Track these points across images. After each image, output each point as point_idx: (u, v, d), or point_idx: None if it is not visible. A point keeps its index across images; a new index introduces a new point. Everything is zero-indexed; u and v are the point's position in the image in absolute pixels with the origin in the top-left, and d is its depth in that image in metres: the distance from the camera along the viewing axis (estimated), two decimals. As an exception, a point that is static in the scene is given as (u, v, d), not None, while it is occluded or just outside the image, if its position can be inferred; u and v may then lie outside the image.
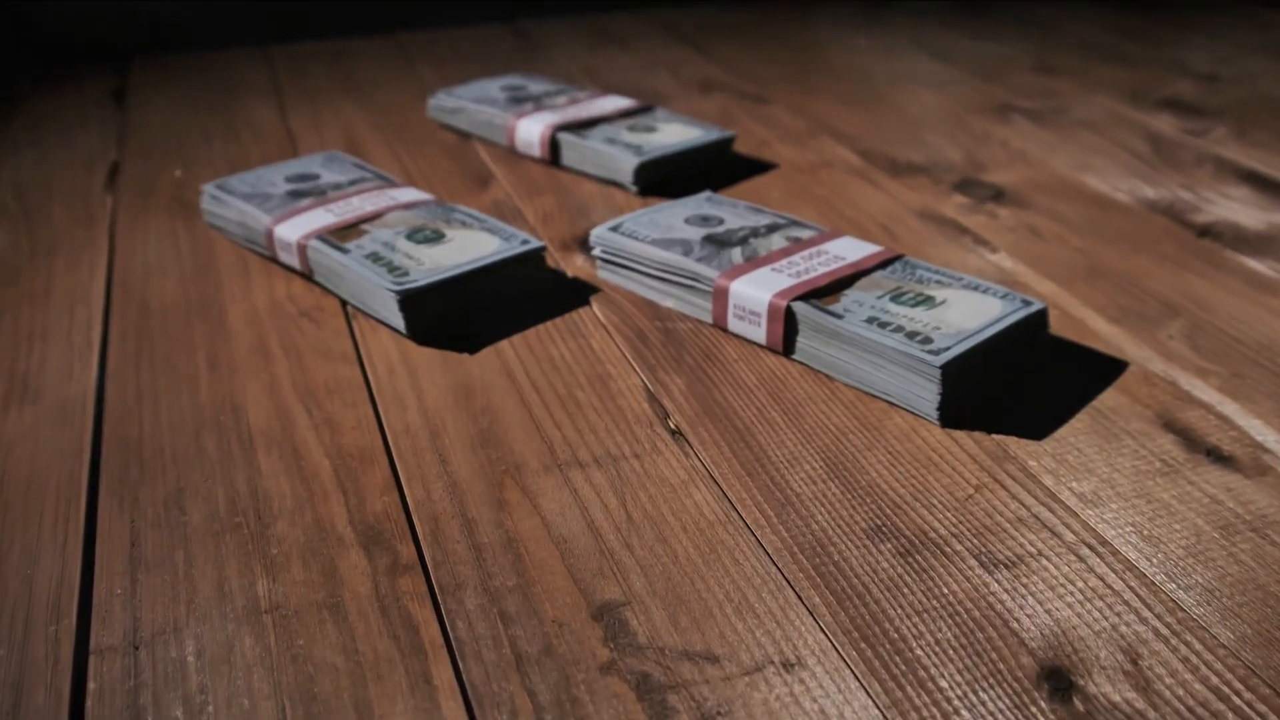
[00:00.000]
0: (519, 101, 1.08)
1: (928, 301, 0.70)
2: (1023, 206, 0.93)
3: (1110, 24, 1.52)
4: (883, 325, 0.67)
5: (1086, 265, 0.83)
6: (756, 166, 1.02)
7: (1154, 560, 0.54)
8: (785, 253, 0.76)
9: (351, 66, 1.36)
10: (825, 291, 0.71)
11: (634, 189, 0.95)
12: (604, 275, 0.82)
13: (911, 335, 0.66)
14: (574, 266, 0.83)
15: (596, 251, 0.81)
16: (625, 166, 0.94)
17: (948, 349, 0.65)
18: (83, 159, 1.07)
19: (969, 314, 0.68)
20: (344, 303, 0.78)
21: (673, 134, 1.00)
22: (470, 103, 1.08)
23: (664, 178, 0.96)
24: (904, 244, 0.86)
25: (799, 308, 0.69)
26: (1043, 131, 1.11)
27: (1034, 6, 1.62)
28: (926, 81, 1.28)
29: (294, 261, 0.81)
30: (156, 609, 0.53)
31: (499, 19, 1.57)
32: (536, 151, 1.01)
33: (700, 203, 0.85)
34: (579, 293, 0.80)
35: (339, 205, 0.85)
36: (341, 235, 0.80)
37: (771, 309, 0.70)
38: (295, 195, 0.87)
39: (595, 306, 0.78)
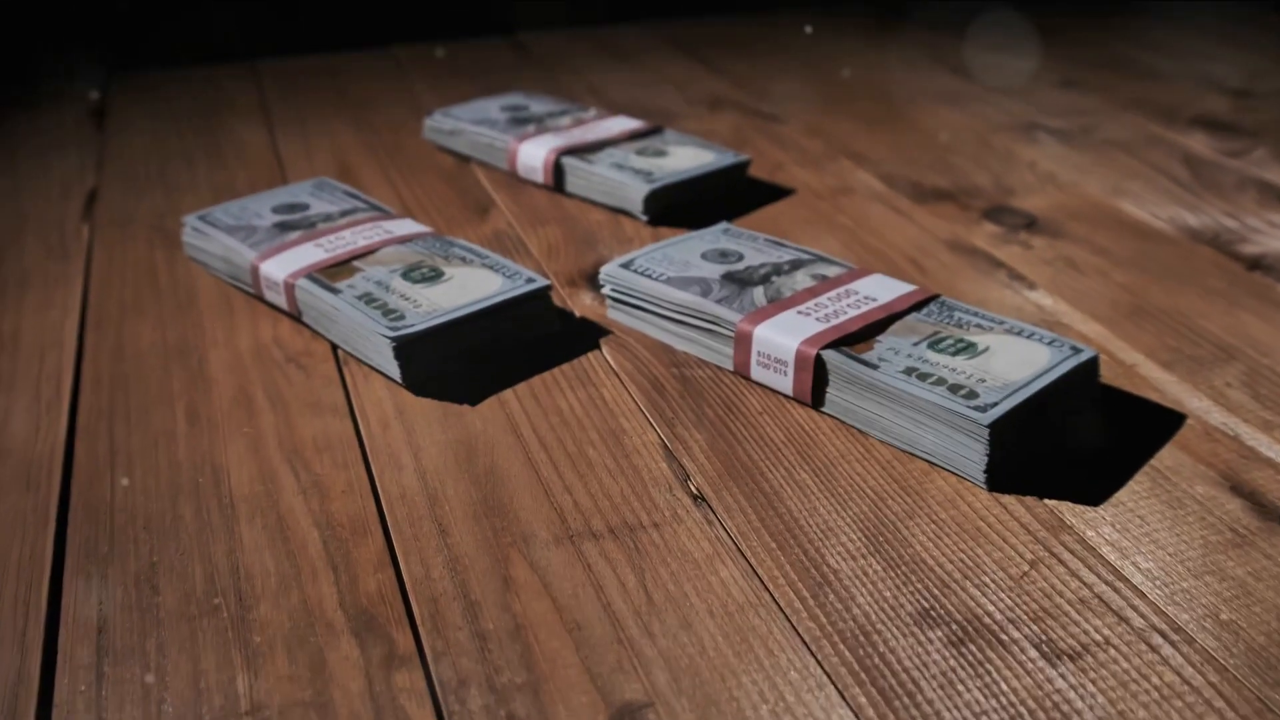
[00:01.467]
0: (520, 123, 1.02)
1: (969, 349, 0.64)
2: (1058, 236, 0.88)
3: (1133, 36, 1.46)
4: (922, 377, 0.61)
5: (1131, 303, 0.77)
6: (773, 192, 0.97)
7: (1234, 650, 0.49)
8: (811, 293, 0.70)
9: (343, 83, 1.30)
10: (857, 337, 0.66)
11: (644, 218, 0.89)
12: (614, 316, 0.76)
13: (954, 389, 0.60)
14: (582, 305, 0.78)
15: (606, 290, 0.75)
16: (635, 195, 0.89)
17: (995, 405, 0.59)
18: (59, 185, 1.01)
19: (1015, 363, 0.63)
20: (335, 347, 0.72)
21: (684, 158, 0.94)
22: (469, 124, 1.02)
23: (675, 205, 0.90)
24: (935, 279, 0.80)
25: (830, 357, 0.63)
26: (1072, 152, 1.05)
27: (1052, 17, 1.56)
28: (946, 98, 1.22)
29: (281, 301, 0.76)
30: (125, 710, 0.47)
31: (498, 32, 1.51)
32: (539, 177, 0.95)
33: (717, 236, 0.79)
34: (588, 335, 0.74)
35: (329, 239, 0.79)
36: (332, 273, 0.74)
37: (799, 358, 0.64)
38: (283, 228, 0.81)
39: (606, 351, 0.72)
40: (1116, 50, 1.41)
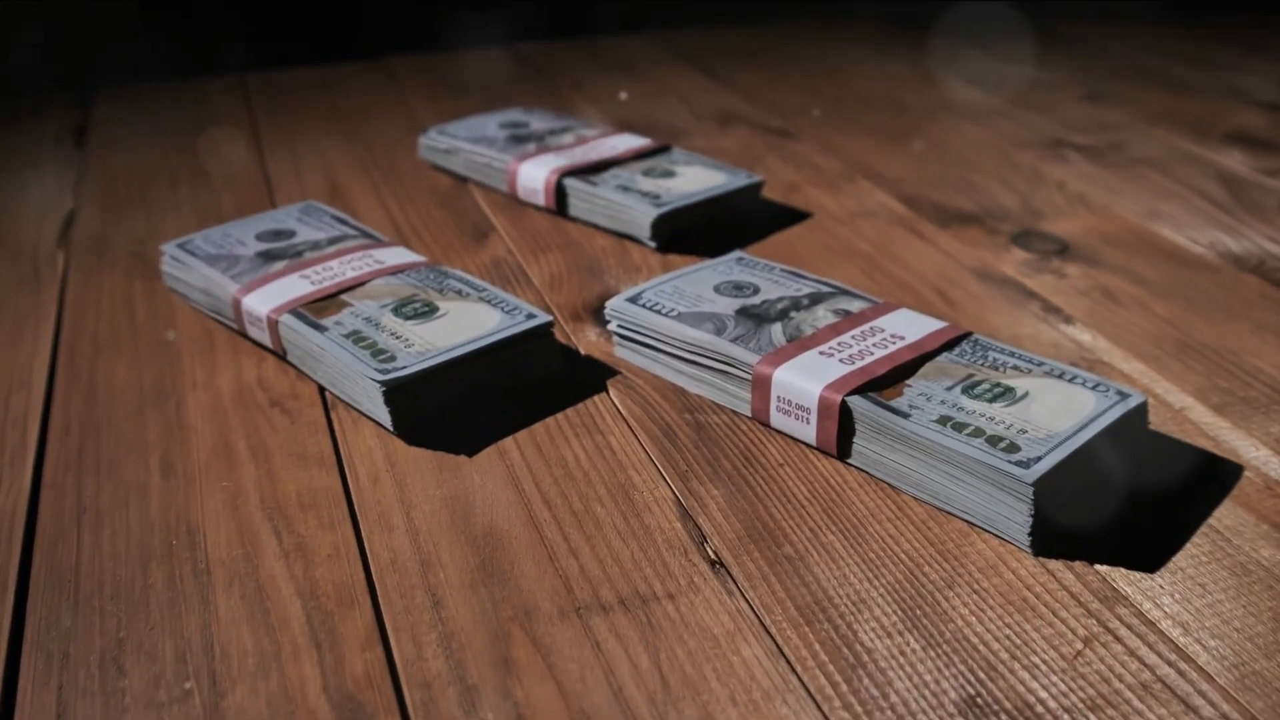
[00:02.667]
0: (520, 141, 0.97)
1: (1008, 394, 0.59)
2: (1092, 263, 0.82)
3: (1158, 45, 1.41)
4: (958, 427, 0.56)
5: (1175, 338, 0.72)
6: (787, 215, 0.91)
7: (1320, 745, 0.43)
8: (834, 330, 0.65)
9: (335, 97, 1.25)
10: (885, 381, 0.60)
11: (651, 244, 0.84)
12: (622, 354, 0.70)
13: (993, 441, 0.55)
14: (587, 342, 0.72)
15: (613, 326, 0.70)
16: (642, 220, 0.83)
17: (1039, 459, 0.53)
18: (35, 208, 0.96)
19: (1058, 411, 0.57)
20: (322, 388, 0.67)
21: (694, 179, 0.89)
22: (466, 143, 0.97)
23: (685, 230, 0.85)
24: (964, 312, 0.75)
25: (857, 404, 0.58)
26: (1101, 171, 1.00)
27: (1072, 25, 1.51)
28: (967, 112, 1.17)
29: (265, 338, 0.70)
30: (77, 820, 0.41)
31: (496, 43, 1.45)
32: (541, 200, 0.90)
33: (730, 266, 0.74)
34: (594, 375, 0.68)
35: (317, 270, 0.73)
36: (318, 309, 0.69)
37: (823, 404, 0.59)
38: (267, 257, 0.76)
39: (613, 393, 0.67)
40: (1140, 61, 1.36)
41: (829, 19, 1.57)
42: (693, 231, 0.86)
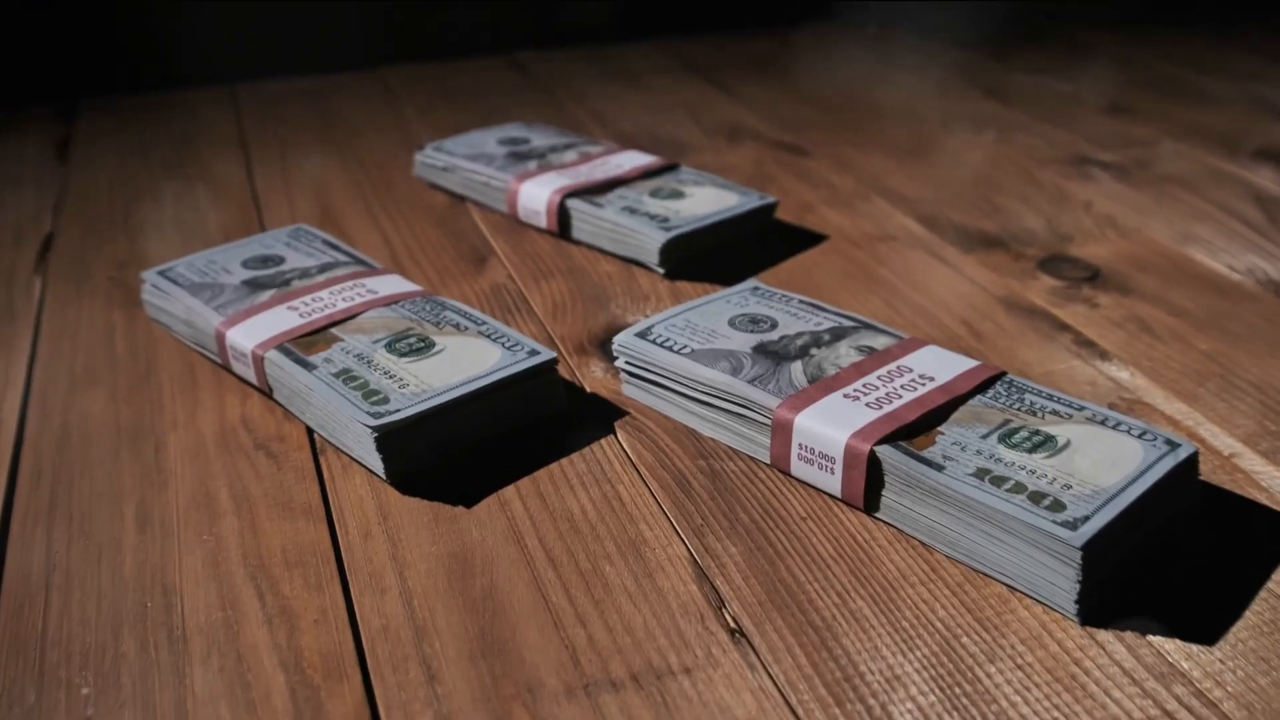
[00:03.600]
0: (521, 159, 0.92)
1: (1048, 444, 0.54)
2: (1125, 292, 0.78)
3: (1180, 54, 1.36)
4: (997, 481, 0.51)
5: (1219, 375, 0.67)
6: (802, 238, 0.87)
7: None
8: (858, 370, 0.60)
9: (328, 109, 1.20)
10: (916, 428, 0.56)
11: (660, 271, 0.79)
12: (631, 393, 0.66)
13: (1036, 498, 0.50)
14: (592, 379, 0.68)
15: (621, 363, 0.65)
16: (650, 245, 0.79)
17: (1087, 519, 0.49)
18: (11, 230, 0.92)
19: (1103, 463, 0.53)
20: (311, 430, 0.63)
21: (704, 200, 0.84)
22: (464, 160, 0.93)
23: (695, 254, 0.81)
24: (993, 347, 0.70)
25: (886, 455, 0.54)
26: (1129, 190, 0.96)
27: (1089, 32, 1.47)
28: (985, 125, 1.12)
29: (250, 375, 0.66)
30: None
31: (494, 52, 1.41)
32: (542, 221, 0.86)
33: (746, 297, 0.69)
34: (601, 416, 0.64)
35: (305, 301, 0.69)
36: (306, 344, 0.64)
37: (849, 454, 0.54)
38: (253, 286, 0.72)
39: (621, 436, 0.62)
40: (1163, 70, 1.31)
41: (838, 26, 1.52)
42: (703, 256, 0.81)
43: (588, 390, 0.67)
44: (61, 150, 1.10)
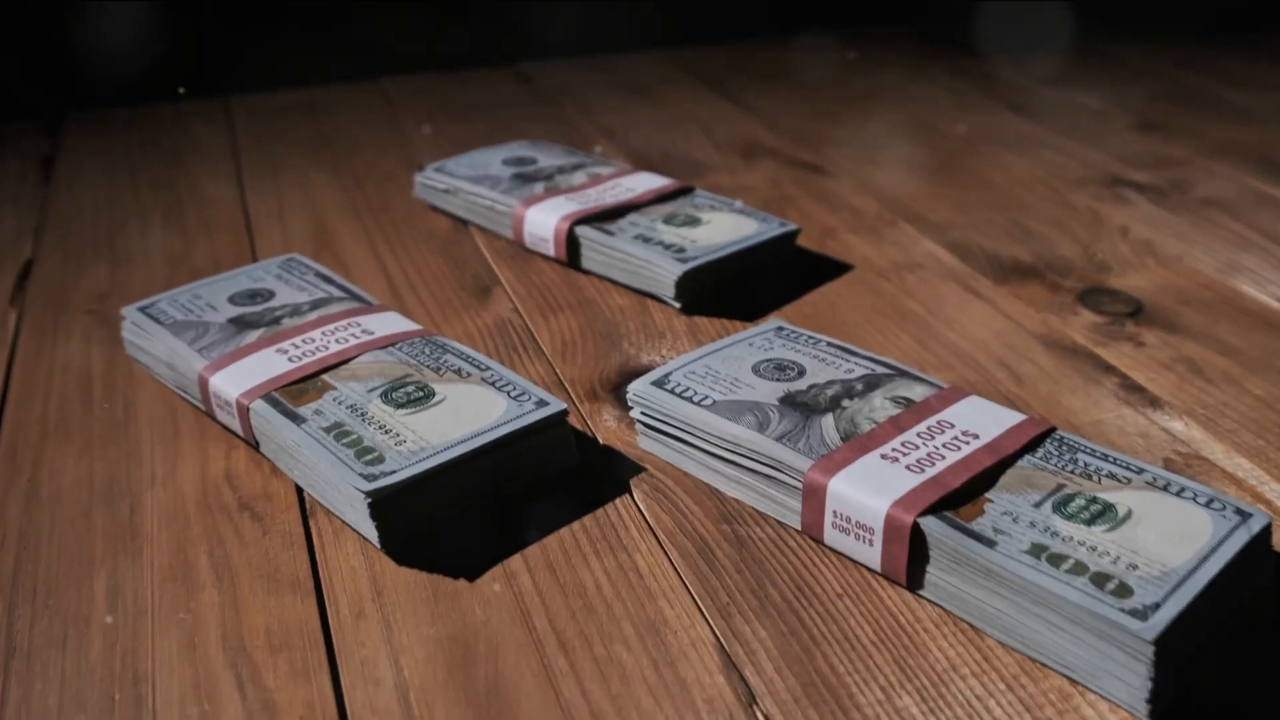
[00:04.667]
0: (527, 181, 0.87)
1: (1108, 514, 0.49)
2: (1171, 329, 0.73)
3: (1210, 67, 1.31)
4: (1055, 561, 0.46)
5: (1279, 424, 0.62)
6: (826, 268, 0.82)
7: None
8: (896, 426, 0.55)
9: (326, 123, 1.15)
10: (962, 495, 0.51)
11: (676, 305, 0.74)
12: (647, 446, 0.61)
13: (1100, 580, 0.45)
14: (605, 429, 0.63)
15: (636, 414, 0.60)
16: (665, 277, 0.74)
17: (1158, 606, 0.44)
18: (-12, 257, 0.86)
19: (1170, 537, 0.48)
20: (300, 488, 0.58)
21: (722, 227, 0.79)
22: (467, 182, 0.87)
23: (713, 286, 0.75)
24: (1035, 392, 0.65)
25: (932, 528, 0.48)
26: (1166, 214, 0.90)
27: (1115, 44, 1.41)
28: (1011, 143, 1.07)
29: (235, 424, 0.61)
30: None
31: (498, 62, 1.36)
32: (550, 249, 0.80)
33: (770, 340, 0.64)
34: (615, 472, 0.59)
35: (296, 343, 0.64)
36: (296, 393, 0.59)
37: (890, 526, 0.49)
38: (240, 325, 0.66)
39: (638, 495, 0.57)
40: (1189, 83, 1.26)
41: (854, 37, 1.47)
42: (721, 287, 0.76)
43: (600, 442, 0.62)
44: (45, 168, 1.05)
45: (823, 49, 1.43)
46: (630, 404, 0.61)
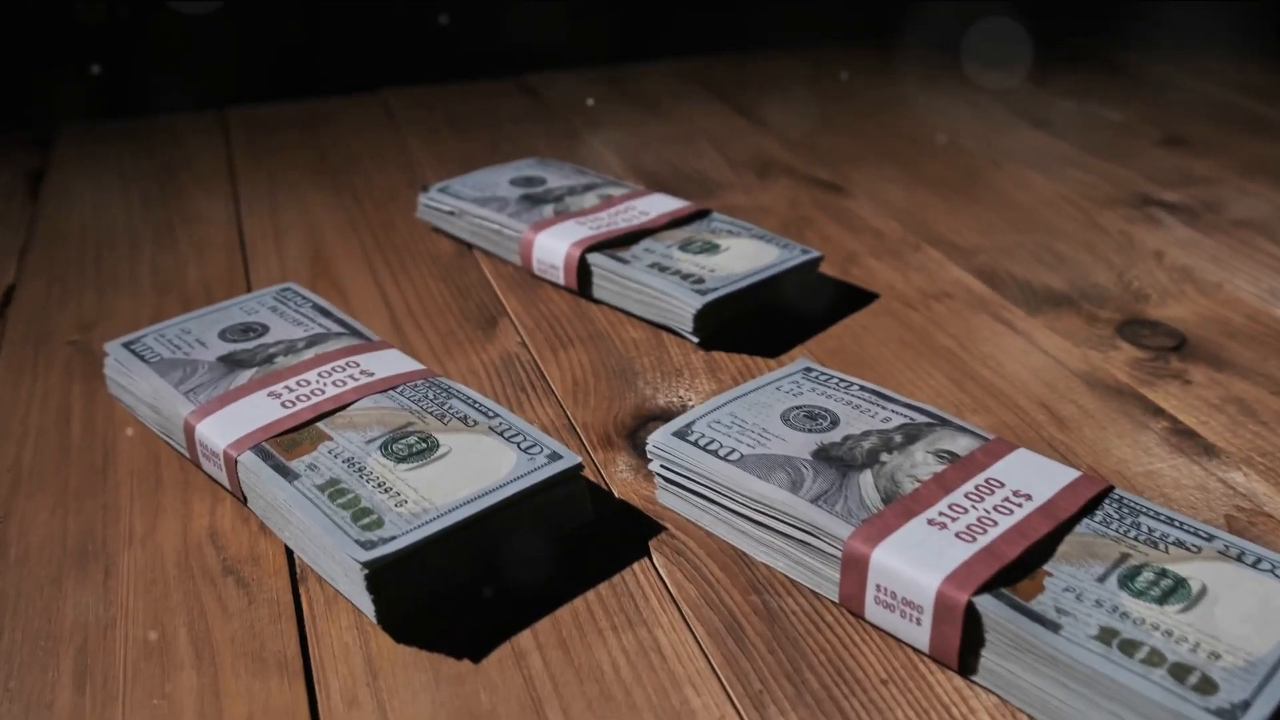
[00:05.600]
0: (535, 203, 0.82)
1: (1180, 591, 0.45)
2: (1218, 364, 0.68)
3: (1237, 80, 1.27)
4: (1128, 649, 0.42)
5: (1349, 477, 0.58)
6: (850, 296, 0.77)
7: None
8: (941, 485, 0.50)
9: (325, 137, 1.10)
10: (1018, 569, 0.46)
11: (694, 340, 0.69)
12: (667, 501, 0.56)
13: (1180, 672, 0.41)
14: (620, 480, 0.58)
15: (656, 467, 0.55)
16: (683, 310, 0.69)
17: (1247, 706, 0.40)
18: (-35, 283, 0.82)
19: (1252, 619, 0.43)
20: (290, 550, 0.53)
21: (741, 254, 0.74)
22: (472, 204, 0.83)
23: (732, 317, 0.71)
24: (1081, 439, 0.61)
25: (989, 609, 0.44)
26: (1201, 237, 0.86)
27: (1137, 56, 1.37)
28: (1035, 160, 1.03)
29: (221, 476, 0.56)
30: None
31: (502, 74, 1.31)
32: (560, 277, 0.76)
33: (798, 383, 0.59)
34: (632, 531, 0.54)
35: (290, 385, 0.59)
36: (288, 444, 0.54)
37: (942, 604, 0.45)
38: (231, 364, 0.62)
39: (658, 559, 0.52)
40: (1212, 96, 1.21)
41: (868, 46, 1.42)
42: (741, 319, 0.72)
43: (616, 495, 0.57)
44: (34, 184, 1.00)
45: (830, 59, 1.38)
46: (649, 456, 0.56)
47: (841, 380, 0.61)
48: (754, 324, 0.72)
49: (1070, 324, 0.74)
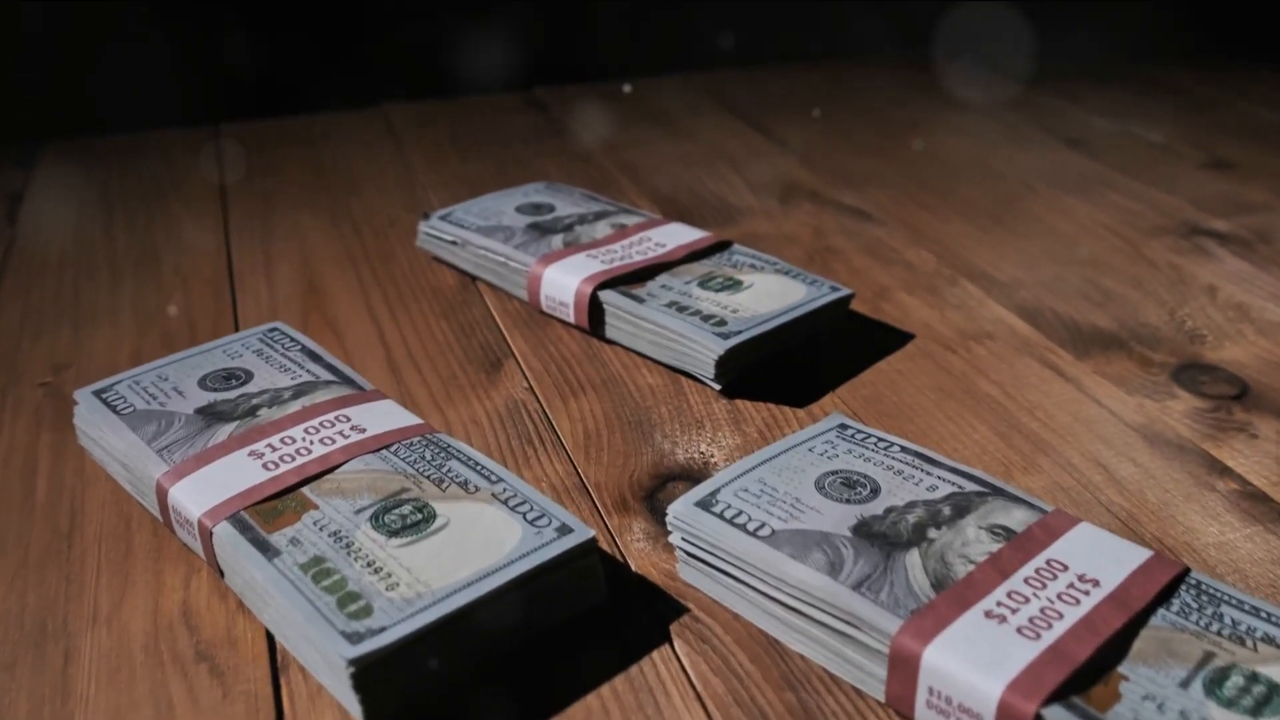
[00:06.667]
0: (544, 233, 0.77)
1: (1274, 700, 0.39)
2: (1288, 418, 0.62)
3: (1262, 94, 1.21)
4: (1223, 774, 0.36)
5: None
6: (882, 337, 0.71)
7: None
8: (997, 569, 0.45)
9: (323, 155, 1.05)
10: (1090, 671, 0.40)
11: (716, 386, 0.64)
12: (690, 577, 0.51)
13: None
14: (636, 550, 0.52)
15: (677, 539, 0.50)
16: (704, 355, 0.63)
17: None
18: (-66, 318, 0.76)
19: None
20: (270, 633, 0.47)
21: (765, 292, 0.69)
22: (476, 234, 0.77)
23: (757, 361, 0.65)
24: (1144, 506, 0.56)
25: (1058, 720, 0.38)
26: (1256, 271, 0.80)
27: (1161, 70, 1.31)
28: (1072, 184, 0.97)
29: (197, 547, 0.50)
30: None
31: (509, 87, 1.25)
32: (570, 315, 0.70)
33: (832, 443, 0.54)
34: (651, 612, 0.49)
35: (273, 443, 0.54)
36: (269, 513, 0.49)
37: (1005, 715, 0.39)
38: (210, 417, 0.56)
39: (680, 647, 0.46)
40: (1254, 115, 1.16)
41: (887, 60, 1.36)
42: (767, 362, 0.66)
43: (633, 568, 0.52)
44: (12, 207, 0.95)
45: (849, 72, 1.32)
46: (670, 528, 0.50)
47: (880, 440, 0.55)
48: (780, 367, 0.67)
49: (1122, 369, 0.68)
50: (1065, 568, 0.46)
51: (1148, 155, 1.05)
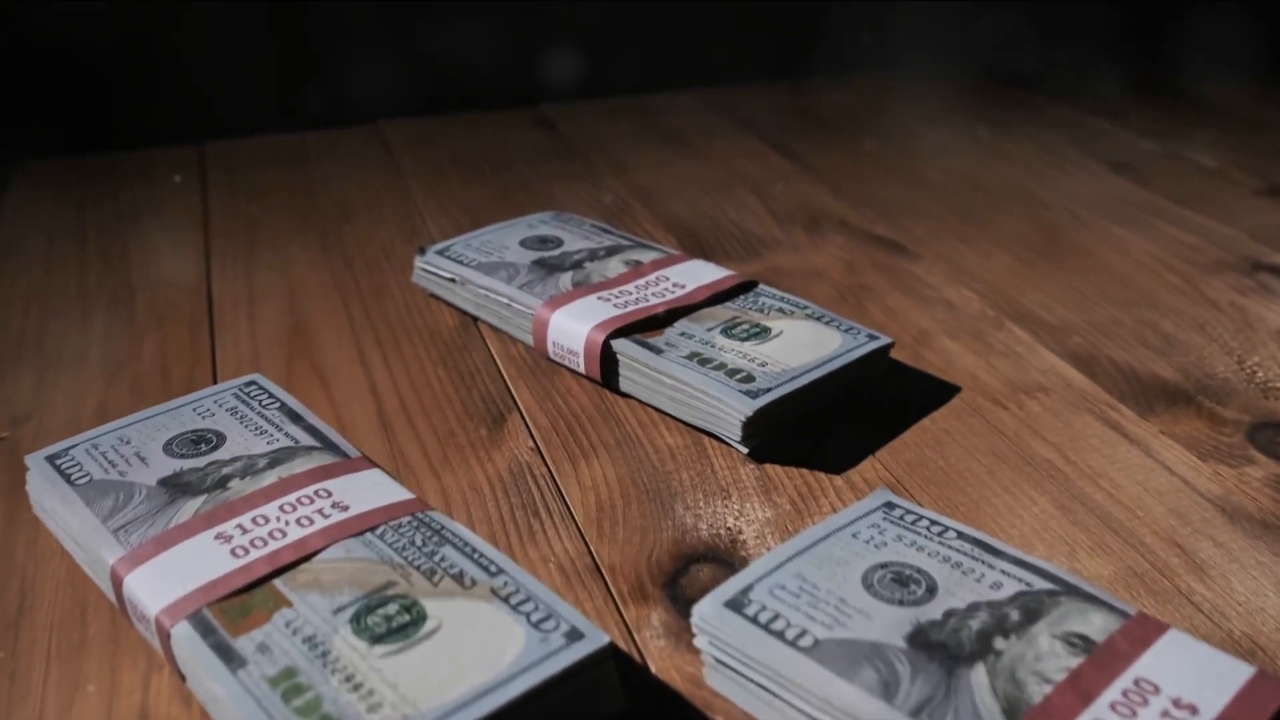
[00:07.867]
0: (550, 269, 0.70)
1: None
2: (1384, 490, 0.55)
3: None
4: None
5: None
6: (925, 390, 0.65)
7: None
8: (1077, 691, 0.39)
9: (313, 178, 0.98)
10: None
11: (743, 449, 0.57)
12: (717, 684, 0.44)
13: None
14: (656, 649, 0.46)
15: (704, 644, 0.43)
16: (730, 415, 0.57)
17: None
18: (-114, 362, 0.70)
19: None
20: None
21: (796, 340, 0.62)
22: (477, 272, 0.70)
23: (788, 419, 0.58)
24: (1230, 597, 0.50)
25: None
26: (1332, 315, 0.73)
27: (1208, 88, 1.24)
28: (1121, 214, 0.90)
29: (156, 644, 0.43)
30: None
31: (514, 104, 1.19)
32: (580, 365, 0.63)
33: (878, 528, 0.47)
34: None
35: (244, 523, 0.47)
36: (235, 612, 0.42)
37: None
38: (175, 489, 0.50)
39: (708, 776, 0.39)
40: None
41: (915, 75, 1.30)
42: (800, 420, 0.59)
43: (652, 670, 0.45)
44: (-21, 234, 0.88)
45: (875, 89, 1.25)
46: (695, 630, 0.43)
47: (934, 524, 0.48)
48: (814, 425, 0.60)
49: (1191, 428, 0.62)
50: (1157, 690, 0.39)
51: (1200, 181, 0.98)
